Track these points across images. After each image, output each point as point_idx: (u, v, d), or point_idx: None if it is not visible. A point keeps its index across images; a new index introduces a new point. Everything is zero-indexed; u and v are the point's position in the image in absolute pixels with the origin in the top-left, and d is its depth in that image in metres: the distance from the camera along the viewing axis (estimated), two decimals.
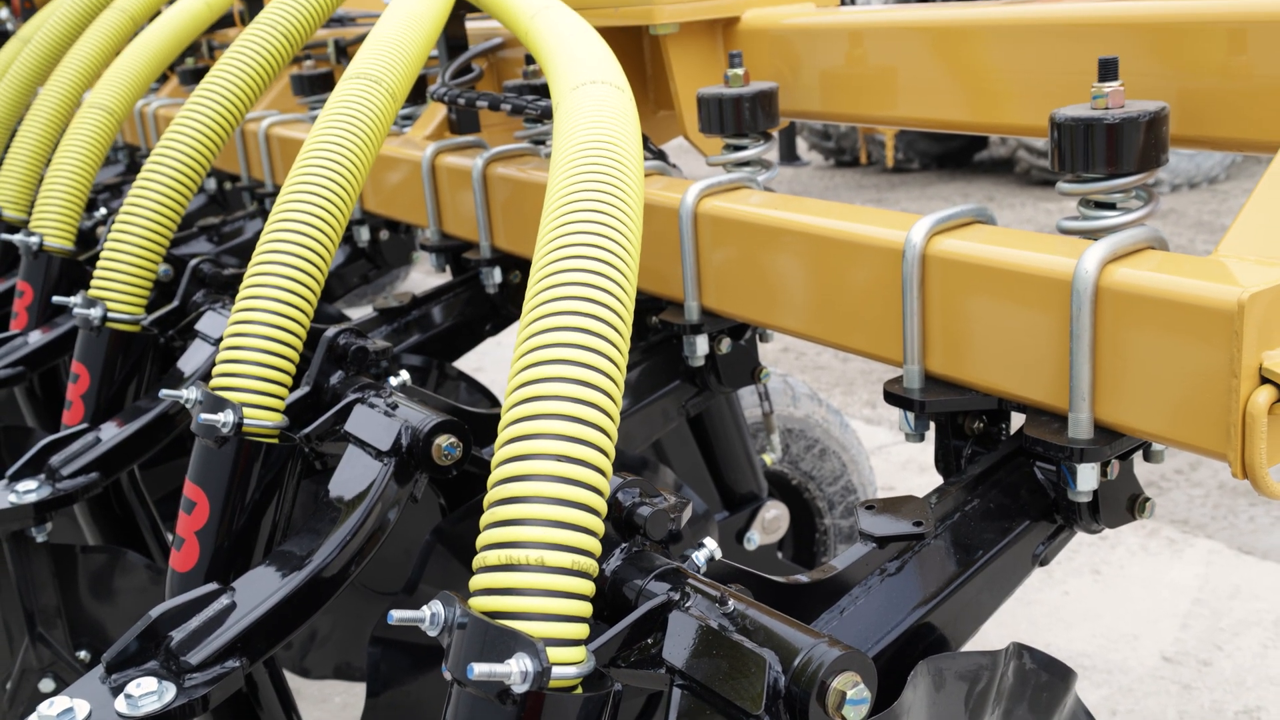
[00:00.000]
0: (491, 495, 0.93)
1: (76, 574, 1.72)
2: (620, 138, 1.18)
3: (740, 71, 1.68)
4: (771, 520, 2.28)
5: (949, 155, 10.99)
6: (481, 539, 0.92)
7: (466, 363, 2.33)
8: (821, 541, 2.79)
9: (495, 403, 2.22)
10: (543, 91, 2.08)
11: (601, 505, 0.93)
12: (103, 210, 3.08)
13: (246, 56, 1.92)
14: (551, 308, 0.99)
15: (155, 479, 2.13)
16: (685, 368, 1.80)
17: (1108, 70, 1.21)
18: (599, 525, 0.93)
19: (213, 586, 1.22)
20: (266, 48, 1.94)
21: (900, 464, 4.42)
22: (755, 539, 2.27)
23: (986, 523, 1.29)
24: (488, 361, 5.28)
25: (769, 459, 2.49)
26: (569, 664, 0.89)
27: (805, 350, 6.04)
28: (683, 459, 2.20)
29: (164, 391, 1.37)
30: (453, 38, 2.46)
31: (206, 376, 1.82)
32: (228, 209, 3.64)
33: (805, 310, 1.51)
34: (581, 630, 0.91)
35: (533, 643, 0.86)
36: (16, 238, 2.29)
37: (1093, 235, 1.20)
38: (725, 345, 1.76)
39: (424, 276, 7.65)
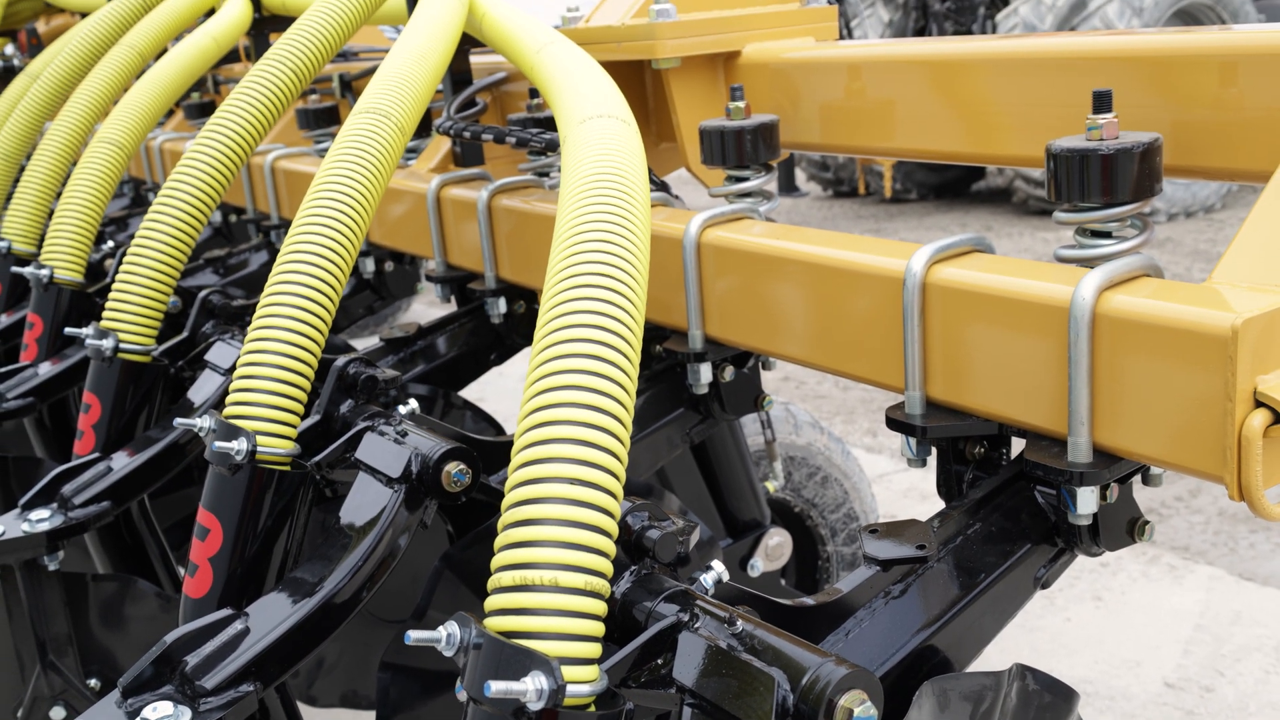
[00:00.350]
0: (506, 518, 0.95)
1: (87, 602, 1.74)
2: (627, 170, 1.21)
3: (741, 105, 1.72)
4: (775, 547, 2.29)
5: (946, 185, 11.07)
6: (496, 560, 0.94)
7: (469, 392, 2.36)
8: (824, 569, 2.80)
9: (500, 431, 2.24)
10: (546, 124, 2.12)
11: (613, 528, 0.95)
12: (110, 243, 3.12)
13: (255, 93, 1.96)
14: (563, 335, 1.02)
15: (163, 508, 2.15)
16: (689, 395, 1.82)
17: (1102, 102, 1.24)
18: (611, 547, 0.95)
19: (227, 612, 1.23)
20: (275, 84, 1.98)
21: (901, 491, 4.43)
22: (759, 566, 2.28)
23: (988, 546, 1.31)
24: (489, 391, 5.30)
25: (771, 486, 2.51)
26: (583, 683, 0.91)
27: (806, 379, 6.07)
28: (686, 486, 2.22)
29: (178, 420, 1.39)
30: (457, 72, 2.50)
31: (217, 406, 1.84)
32: (233, 241, 3.68)
33: (807, 338, 1.53)
34: (594, 650, 0.93)
35: (548, 661, 0.88)
36: (27, 270, 2.32)
37: (1089, 263, 1.23)
38: (729, 373, 1.79)
39: (425, 307, 7.68)
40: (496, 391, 5.33)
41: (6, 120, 3.27)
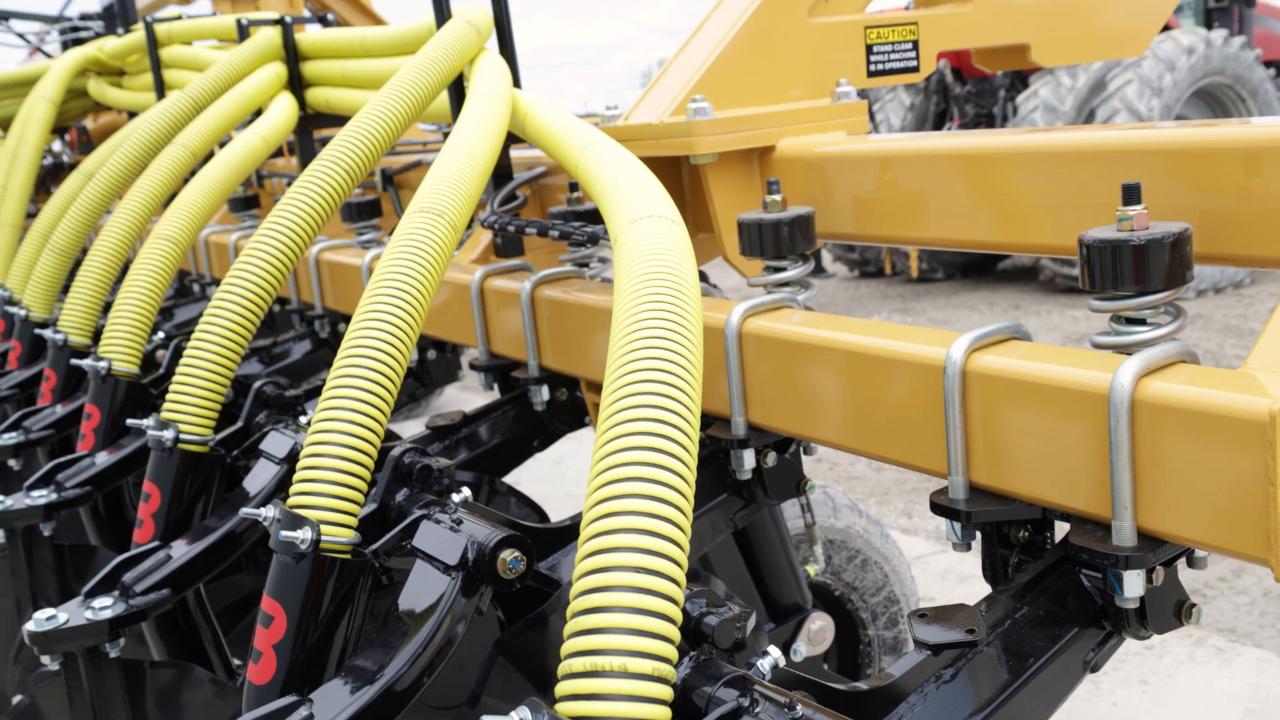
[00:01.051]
0: (575, 605, 0.99)
1: (145, 689, 1.77)
2: (679, 269, 1.27)
3: (778, 198, 1.77)
4: (817, 631, 2.30)
5: (973, 264, 11.13)
6: (566, 647, 0.97)
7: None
8: (866, 653, 2.79)
9: (544, 517, 2.27)
10: (587, 217, 2.19)
11: (677, 614, 0.99)
12: (160, 334, 3.20)
13: (311, 192, 2.04)
14: (626, 429, 1.06)
15: (210, 592, 2.19)
16: (732, 481, 1.85)
17: (1131, 194, 1.29)
18: (676, 633, 0.98)
19: (292, 699, 1.26)
20: (330, 182, 2.06)
21: (939, 574, 4.40)
22: (801, 650, 2.28)
23: (1036, 630, 1.32)
24: (524, 475, 5.33)
25: (812, 570, 2.52)
26: None
27: (839, 460, 6.07)
28: (728, 570, 2.24)
29: (244, 510, 1.44)
30: (499, 167, 2.59)
31: (273, 495, 1.89)
32: (276, 331, 3.77)
33: (848, 424, 1.57)
34: None
35: None
36: (86, 363, 2.40)
37: (1126, 350, 1.27)
38: (771, 459, 1.82)
39: (457, 392, 7.76)
40: (531, 475, 5.36)
41: (62, 216, 3.40)
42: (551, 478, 5.75)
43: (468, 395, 7.64)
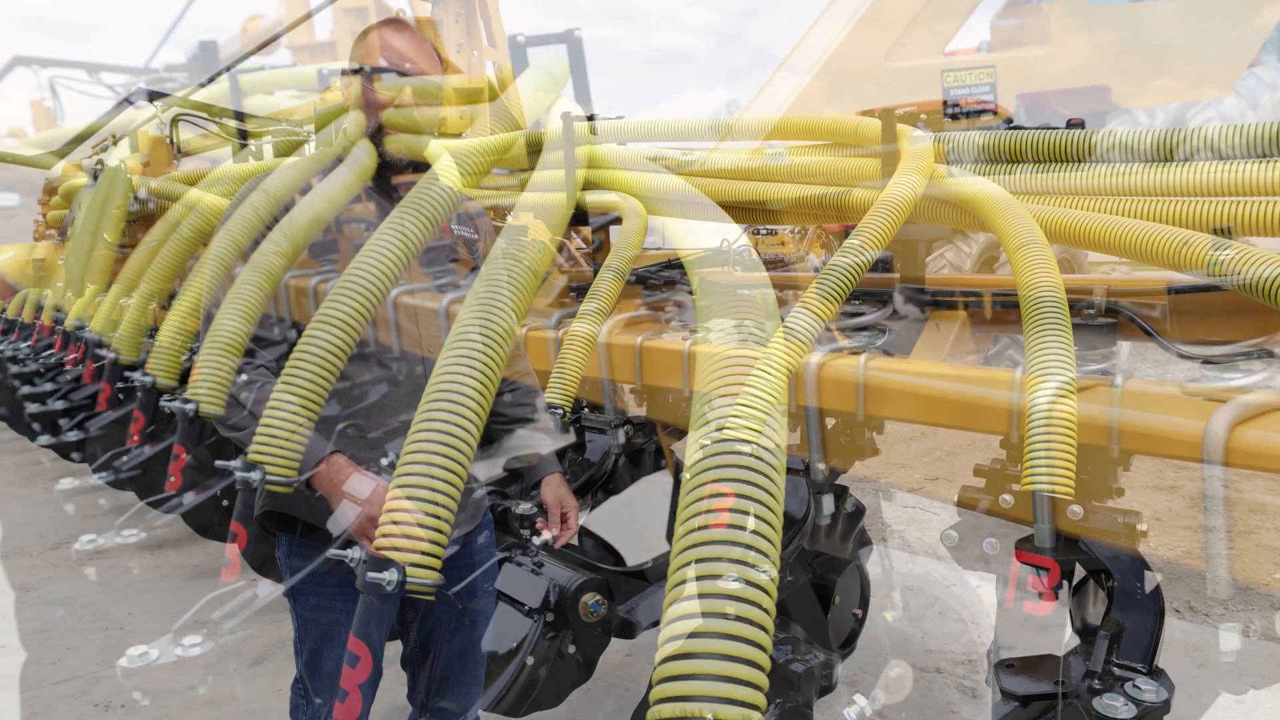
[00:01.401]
0: (663, 651, 0.99)
1: None
2: (760, 315, 1.27)
3: (856, 243, 1.77)
4: (896, 679, 2.26)
5: None
6: (655, 692, 0.97)
7: None
8: (944, 701, 2.73)
9: (619, 560, 2.28)
10: (662, 261, 2.21)
11: (766, 662, 0.98)
12: (243, 377, 3.28)
13: (393, 239, 2.09)
14: (711, 475, 1.07)
15: None
16: (812, 525, 1.84)
17: (1223, 236, 1.27)
18: (765, 681, 0.98)
19: None
20: (411, 230, 2.11)
21: (1018, 621, 4.30)
22: (880, 698, 2.24)
23: (1124, 682, 1.29)
24: (593, 517, 5.33)
25: (890, 616, 2.48)
26: None
27: (911, 503, 5.98)
28: (806, 615, 2.21)
29: (330, 551, 1.46)
30: (576, 212, 2.62)
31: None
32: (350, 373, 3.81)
33: (928, 470, 1.55)
34: None
35: None
36: (174, 404, 2.46)
37: (1218, 397, 1.24)
38: (850, 504, 1.81)
39: (529, 433, 7.78)
40: (599, 516, 5.36)
41: (149, 263, 3.51)
42: (621, 520, 5.74)
43: (539, 436, 7.66)
